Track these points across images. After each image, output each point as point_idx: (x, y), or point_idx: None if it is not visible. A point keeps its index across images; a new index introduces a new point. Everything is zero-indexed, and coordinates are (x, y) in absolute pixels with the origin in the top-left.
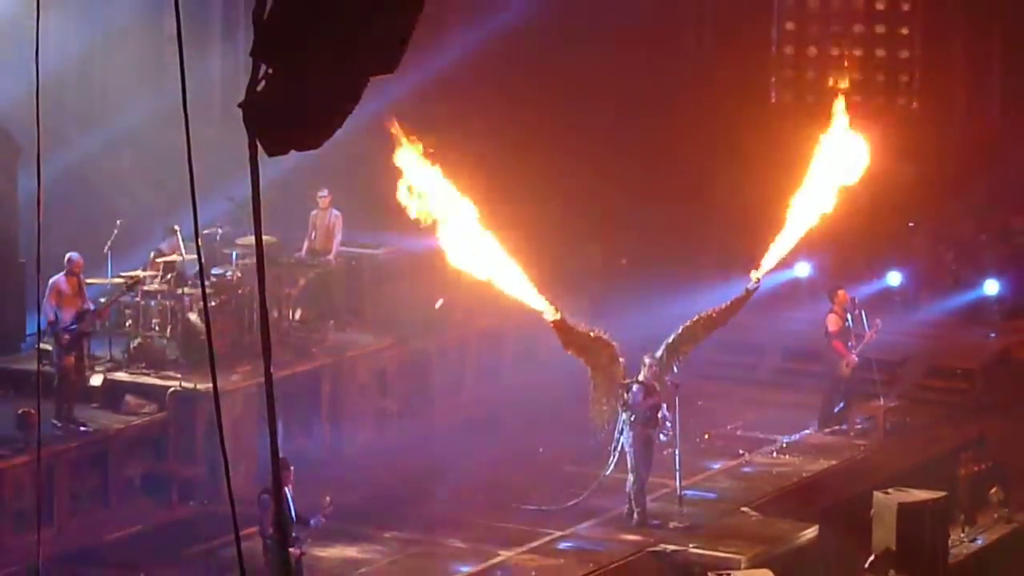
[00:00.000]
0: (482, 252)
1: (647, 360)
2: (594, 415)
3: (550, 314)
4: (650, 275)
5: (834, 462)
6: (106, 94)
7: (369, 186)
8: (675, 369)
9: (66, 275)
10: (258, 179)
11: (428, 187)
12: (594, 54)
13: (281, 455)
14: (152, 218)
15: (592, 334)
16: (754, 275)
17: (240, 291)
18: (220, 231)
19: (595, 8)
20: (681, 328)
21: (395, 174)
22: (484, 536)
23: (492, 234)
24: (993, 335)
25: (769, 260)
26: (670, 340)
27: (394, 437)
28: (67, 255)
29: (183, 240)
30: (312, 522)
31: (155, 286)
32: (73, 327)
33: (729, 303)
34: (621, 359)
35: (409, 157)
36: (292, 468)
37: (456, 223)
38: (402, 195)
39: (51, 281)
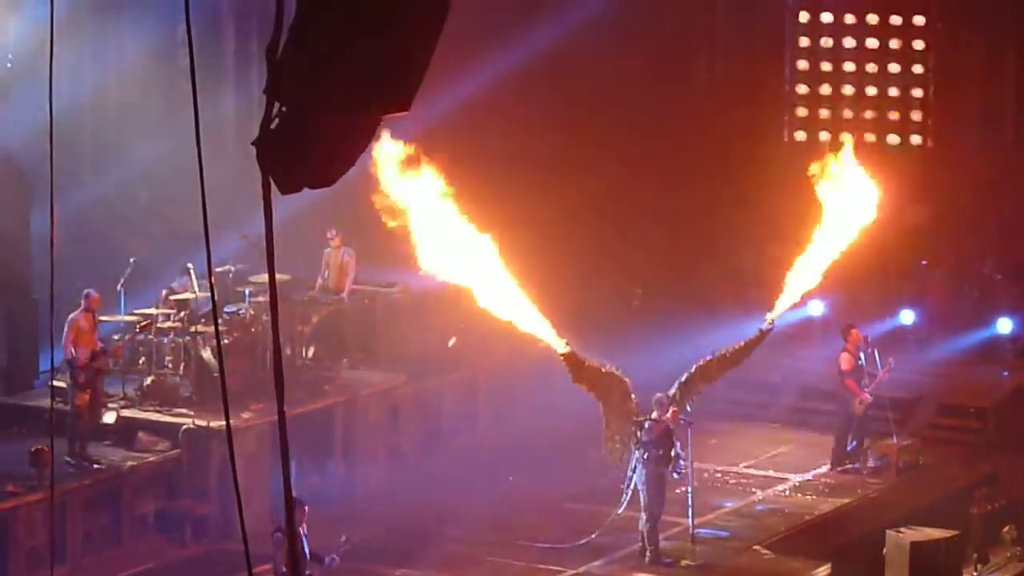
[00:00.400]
0: (495, 285)
1: (661, 398)
2: (607, 451)
3: (560, 347)
4: (663, 310)
5: (847, 500)
6: (119, 132)
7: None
8: (688, 408)
9: (84, 311)
10: (271, 217)
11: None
12: (606, 82)
13: (295, 494)
14: (165, 256)
15: (604, 369)
16: (768, 316)
17: (253, 329)
18: (233, 269)
19: (608, 36)
20: (695, 367)
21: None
22: (498, 573)
23: (504, 265)
24: (1006, 373)
25: (783, 302)
26: (683, 379)
27: (407, 475)
28: (85, 291)
29: (196, 278)
30: (327, 560)
31: (168, 324)
32: (90, 365)
33: (743, 344)
34: (633, 396)
35: (426, 188)
36: (307, 508)
37: (470, 255)
38: (382, 205)
39: (70, 318)
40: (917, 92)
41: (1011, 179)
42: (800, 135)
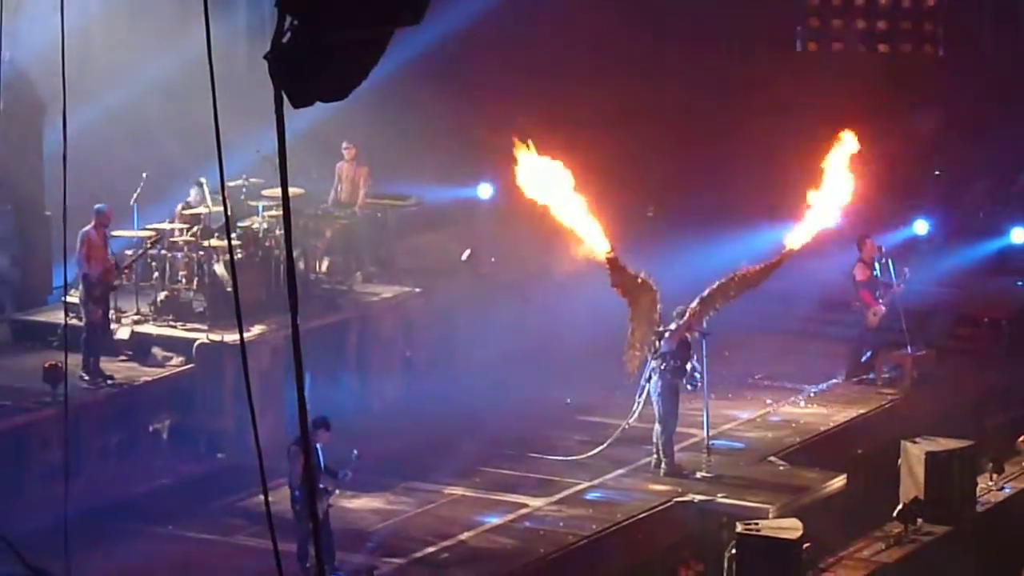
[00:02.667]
0: (549, 180)
1: (682, 310)
2: (628, 359)
3: (605, 248)
4: (681, 221)
5: (862, 411)
6: (131, 47)
7: (397, 137)
8: (704, 323)
9: (95, 227)
10: (284, 131)
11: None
12: None
13: (319, 415)
14: (178, 171)
15: (639, 278)
16: (789, 241)
17: (267, 243)
18: (247, 183)
19: None
20: (716, 284)
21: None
22: (511, 487)
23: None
24: (1021, 284)
25: (803, 231)
26: (704, 294)
27: (420, 388)
28: (96, 207)
29: (209, 192)
30: (340, 475)
31: (182, 239)
32: (101, 280)
33: (763, 266)
34: (659, 305)
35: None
36: (330, 429)
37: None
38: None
39: (82, 232)
40: (930, 1)
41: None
42: (813, 46)
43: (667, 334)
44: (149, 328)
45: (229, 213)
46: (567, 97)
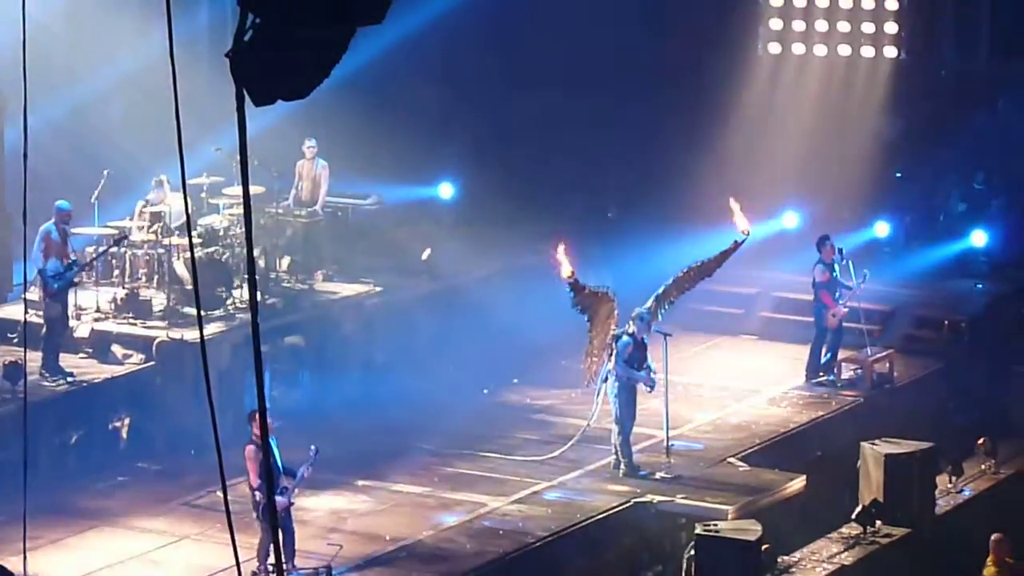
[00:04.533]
0: None
1: (641, 313)
2: (586, 367)
3: (566, 271)
4: (638, 224)
5: (821, 413)
6: (94, 44)
7: (357, 135)
8: (660, 317)
9: (55, 224)
10: (245, 129)
11: None
12: None
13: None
14: (139, 168)
15: (599, 292)
16: (741, 227)
17: (227, 241)
18: (207, 181)
19: None
20: (671, 279)
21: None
22: (471, 486)
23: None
24: (980, 286)
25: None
26: (660, 291)
27: (380, 387)
28: (56, 204)
29: (170, 190)
30: (299, 472)
31: (142, 236)
32: (63, 276)
33: (717, 255)
34: (616, 312)
35: None
36: (275, 422)
37: None
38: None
39: (41, 229)
40: (891, 4)
41: (984, 91)
42: (774, 47)
43: (623, 337)
44: (109, 325)
45: (190, 211)
46: (528, 100)
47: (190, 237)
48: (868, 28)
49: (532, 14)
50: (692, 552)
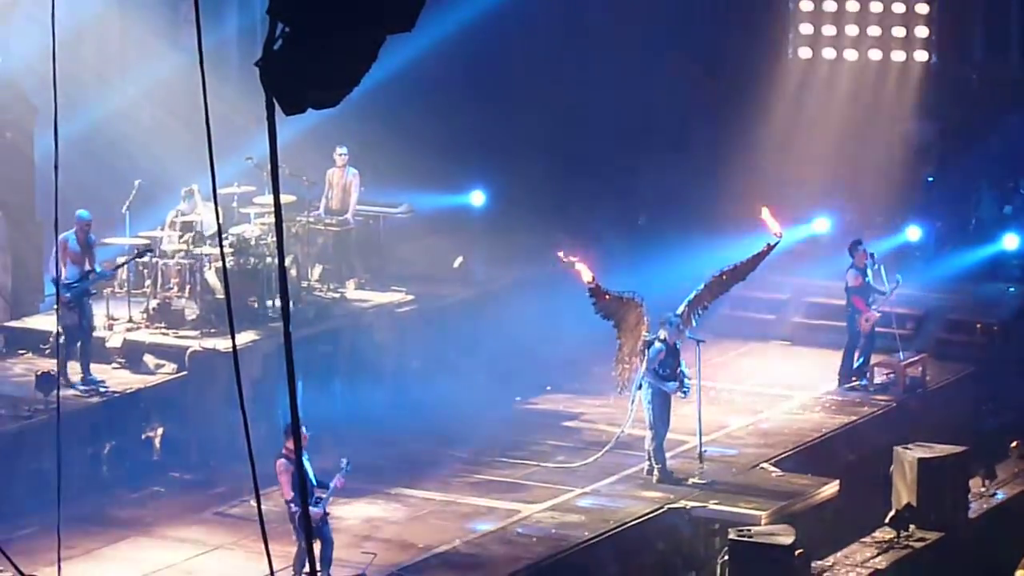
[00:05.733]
0: None
1: (669, 317)
2: (618, 373)
3: (587, 278)
4: (668, 232)
5: (854, 418)
6: (123, 53)
7: (388, 143)
8: (694, 323)
9: (75, 233)
10: (275, 138)
11: None
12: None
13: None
14: (170, 178)
15: (623, 297)
16: (774, 230)
17: (258, 250)
18: (238, 191)
19: None
20: (703, 285)
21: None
22: (504, 493)
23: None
24: (1012, 289)
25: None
26: (691, 296)
27: (413, 395)
28: (76, 212)
29: (201, 200)
30: (332, 484)
31: (173, 246)
32: (76, 285)
33: (750, 258)
34: (646, 317)
35: None
36: (307, 433)
37: None
38: None
39: (60, 238)
40: (922, 8)
41: (1015, 94)
42: (805, 52)
43: (656, 343)
44: (141, 336)
45: (221, 220)
46: (557, 106)
47: (221, 247)
48: (899, 32)
49: (563, 21)
50: (726, 558)
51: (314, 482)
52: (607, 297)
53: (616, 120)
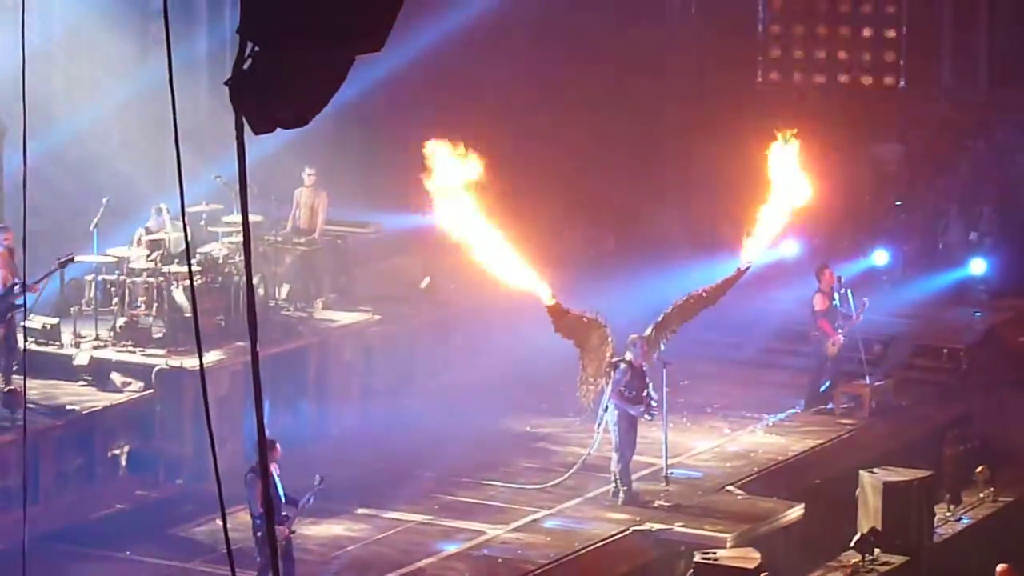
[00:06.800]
0: (480, 235)
1: (635, 339)
2: (582, 395)
3: (546, 298)
4: (639, 251)
5: (820, 441)
6: (92, 72)
7: (356, 164)
8: (662, 347)
9: None
10: (244, 157)
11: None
12: (577, 27)
13: (267, 434)
14: (139, 196)
15: (585, 318)
16: (745, 255)
17: (226, 269)
18: (206, 209)
19: None
20: (671, 307)
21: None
22: (470, 514)
23: (488, 217)
24: (978, 314)
25: (755, 244)
26: (659, 319)
27: (380, 415)
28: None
29: (170, 218)
30: (302, 501)
31: (141, 264)
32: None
33: (720, 282)
34: (611, 339)
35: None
36: (278, 447)
37: (457, 206)
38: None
39: None
40: (890, 33)
41: (983, 119)
42: (774, 76)
43: (621, 365)
44: (108, 353)
45: (189, 239)
46: (528, 130)
47: (189, 265)
48: (867, 57)
49: (527, 46)
50: None
51: (283, 498)
52: (568, 315)
53: (581, 143)
